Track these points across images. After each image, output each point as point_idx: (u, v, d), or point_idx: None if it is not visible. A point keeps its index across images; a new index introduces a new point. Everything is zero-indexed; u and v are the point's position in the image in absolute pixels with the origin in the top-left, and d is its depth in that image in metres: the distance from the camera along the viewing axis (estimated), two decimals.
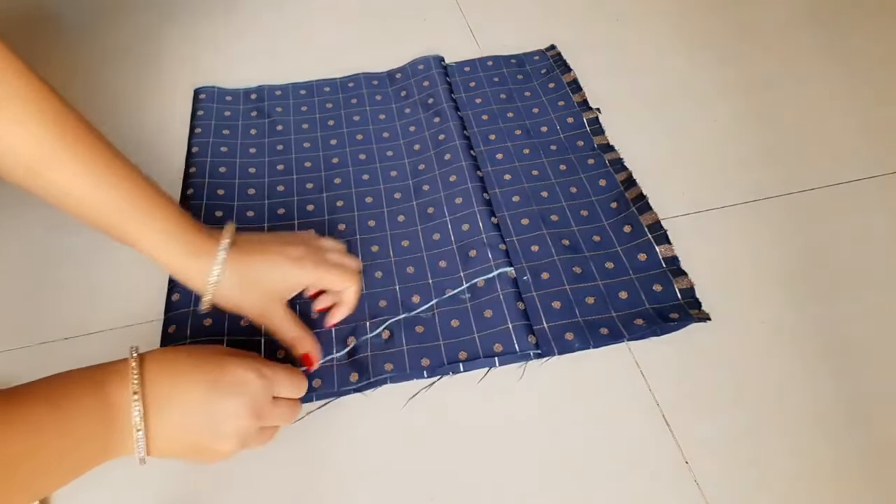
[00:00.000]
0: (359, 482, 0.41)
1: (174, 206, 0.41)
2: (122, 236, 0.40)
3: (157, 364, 0.36)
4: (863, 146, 0.60)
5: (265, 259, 0.42)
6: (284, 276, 0.43)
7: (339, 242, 0.49)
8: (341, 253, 0.47)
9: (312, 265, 0.43)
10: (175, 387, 0.35)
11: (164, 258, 0.40)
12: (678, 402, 0.44)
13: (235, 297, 0.42)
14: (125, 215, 0.39)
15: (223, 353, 0.38)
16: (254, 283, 0.42)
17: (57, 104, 0.38)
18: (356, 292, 0.46)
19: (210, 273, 0.40)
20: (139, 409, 0.33)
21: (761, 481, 0.41)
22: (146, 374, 0.35)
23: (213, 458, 0.37)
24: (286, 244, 0.44)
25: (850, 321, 0.48)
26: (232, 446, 0.36)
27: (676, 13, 0.74)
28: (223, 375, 0.36)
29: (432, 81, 0.65)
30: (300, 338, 0.43)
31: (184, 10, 0.76)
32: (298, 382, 0.41)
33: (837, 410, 0.44)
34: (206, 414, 0.35)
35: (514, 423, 0.44)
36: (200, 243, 0.41)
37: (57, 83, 0.39)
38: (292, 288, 0.43)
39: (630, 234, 0.52)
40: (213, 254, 0.41)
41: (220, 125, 0.62)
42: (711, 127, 0.62)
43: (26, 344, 0.47)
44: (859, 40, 0.70)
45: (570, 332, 0.47)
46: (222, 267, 0.40)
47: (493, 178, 0.57)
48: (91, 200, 0.38)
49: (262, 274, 0.42)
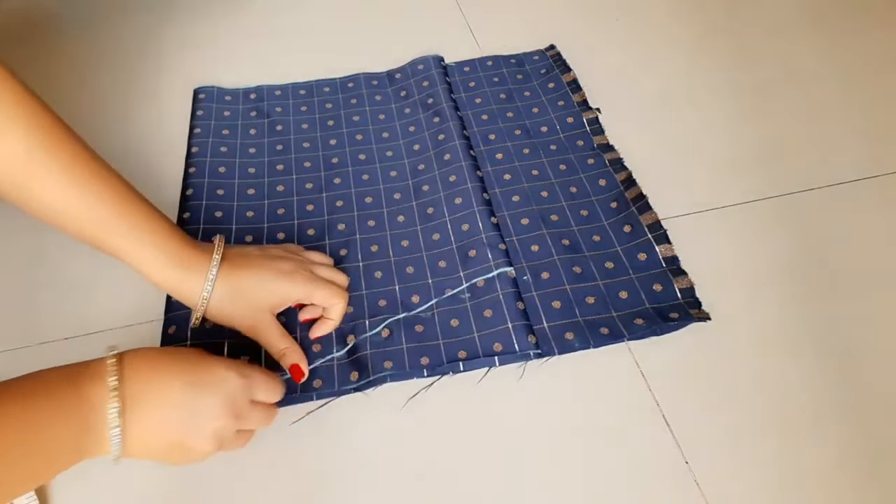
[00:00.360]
0: (359, 482, 0.41)
1: (163, 219, 0.41)
2: (109, 250, 0.39)
3: (135, 362, 0.35)
4: (862, 146, 0.60)
5: (256, 273, 0.42)
6: (275, 291, 0.43)
7: (327, 256, 0.50)
8: (330, 268, 0.47)
9: (303, 280, 0.43)
10: (153, 384, 0.35)
11: (154, 273, 0.40)
12: (678, 402, 0.44)
13: (226, 312, 0.42)
14: (113, 229, 0.38)
15: (202, 354, 0.38)
16: (244, 298, 0.42)
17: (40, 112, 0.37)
18: (342, 309, 0.46)
19: (203, 289, 0.40)
20: (116, 406, 0.33)
21: (761, 481, 0.41)
22: (124, 371, 0.34)
23: (190, 459, 0.36)
24: (276, 258, 0.44)
25: (850, 321, 0.48)
26: (209, 446, 0.36)
27: (676, 13, 0.74)
28: (203, 374, 0.36)
29: (432, 81, 0.65)
30: (289, 350, 0.43)
31: (184, 10, 0.76)
32: (276, 386, 0.40)
33: (837, 410, 0.44)
34: (184, 412, 0.35)
35: (514, 423, 0.43)
36: (191, 258, 0.40)
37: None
38: (282, 302, 0.44)
39: (630, 234, 0.52)
40: (204, 269, 0.40)
41: (220, 125, 0.62)
42: (711, 127, 0.62)
43: (26, 344, 0.47)
44: (859, 40, 0.70)
45: (570, 332, 0.47)
46: (213, 283, 0.40)
47: (493, 178, 0.57)
48: (76, 213, 0.38)
49: (253, 288, 0.42)
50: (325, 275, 0.46)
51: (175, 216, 0.54)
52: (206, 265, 0.41)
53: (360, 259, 0.52)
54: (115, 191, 0.39)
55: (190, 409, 0.35)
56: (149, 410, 0.34)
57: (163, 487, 0.41)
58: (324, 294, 0.44)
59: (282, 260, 0.44)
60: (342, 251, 0.52)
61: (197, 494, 0.41)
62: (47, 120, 0.37)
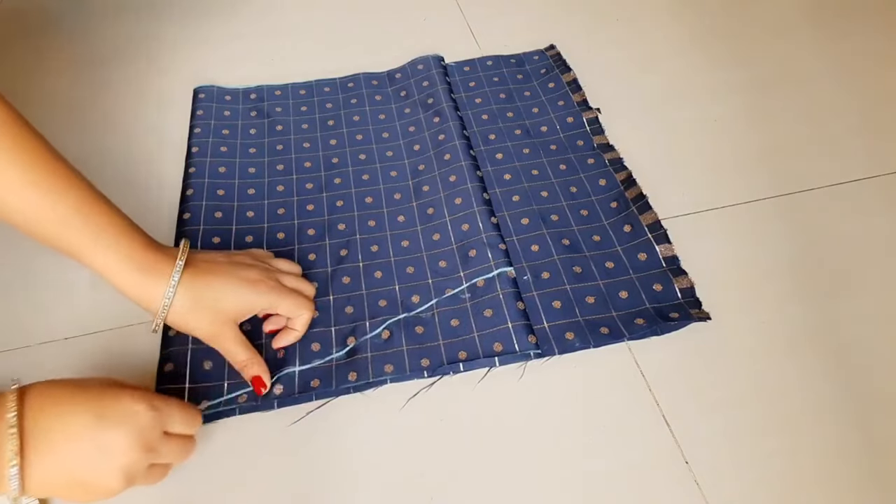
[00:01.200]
0: (358, 482, 0.41)
1: (127, 222, 0.40)
2: (70, 252, 0.38)
3: (38, 395, 0.34)
4: (863, 146, 0.60)
5: (220, 281, 0.41)
6: (238, 300, 0.41)
7: (296, 265, 0.49)
8: (297, 277, 0.46)
9: (267, 289, 0.43)
10: (56, 418, 0.33)
11: (114, 276, 0.39)
12: (678, 402, 0.44)
13: (187, 319, 0.40)
14: (73, 230, 0.37)
15: (112, 384, 0.36)
16: (207, 306, 0.41)
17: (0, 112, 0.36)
18: (307, 320, 0.45)
19: (164, 294, 0.39)
20: (15, 442, 0.31)
21: (761, 481, 0.41)
22: (26, 404, 0.33)
23: (97, 496, 0.34)
24: (242, 266, 0.43)
25: (850, 321, 0.48)
26: (117, 483, 0.34)
27: (676, 13, 0.74)
28: (111, 406, 0.34)
29: (432, 81, 0.65)
30: (250, 362, 0.42)
31: (184, 10, 0.76)
32: (192, 418, 0.38)
33: (837, 410, 0.44)
34: (90, 446, 0.33)
35: (515, 423, 0.43)
36: (153, 262, 0.39)
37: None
38: (246, 312, 0.42)
39: (630, 234, 0.52)
40: (167, 274, 0.39)
41: (220, 125, 0.62)
42: (711, 127, 0.62)
43: (26, 344, 0.47)
44: (859, 40, 0.70)
45: (570, 332, 0.47)
46: (175, 289, 0.39)
47: (493, 178, 0.57)
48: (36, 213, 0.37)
49: (216, 296, 0.41)
50: (292, 284, 0.45)
51: (175, 216, 0.54)
52: (168, 270, 0.39)
53: (360, 259, 0.52)
54: (77, 192, 0.38)
55: (97, 444, 0.33)
56: (52, 446, 0.32)
57: (163, 488, 0.41)
58: (289, 304, 0.44)
59: (247, 268, 0.43)
60: (342, 251, 0.52)
61: (197, 494, 0.41)
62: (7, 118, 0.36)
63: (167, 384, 0.44)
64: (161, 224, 0.54)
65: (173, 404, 0.37)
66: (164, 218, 0.54)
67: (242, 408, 0.44)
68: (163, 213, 0.55)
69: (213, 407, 0.43)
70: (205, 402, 0.43)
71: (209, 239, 0.52)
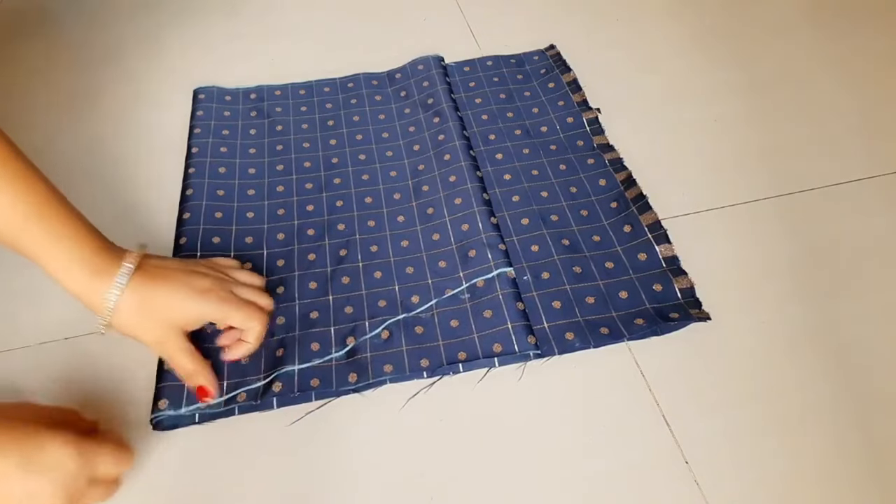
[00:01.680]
0: (358, 482, 0.41)
1: (84, 224, 0.39)
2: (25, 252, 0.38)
3: None
4: (863, 146, 0.60)
5: (169, 288, 0.40)
6: (185, 308, 0.41)
7: (258, 277, 0.47)
8: (254, 289, 0.45)
9: (218, 300, 0.42)
10: None
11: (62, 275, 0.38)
12: (678, 402, 0.44)
13: (132, 324, 0.40)
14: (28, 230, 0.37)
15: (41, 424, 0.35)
16: (152, 311, 0.40)
17: None
18: (259, 334, 0.44)
19: (108, 296, 0.38)
20: None
21: (761, 481, 0.41)
22: None
23: None
24: (195, 275, 0.42)
25: (850, 321, 0.48)
26: None
27: (676, 13, 0.74)
28: (36, 452, 0.33)
29: (432, 81, 0.65)
30: (196, 372, 0.42)
31: (184, 11, 0.76)
32: (123, 458, 0.37)
33: (837, 410, 0.44)
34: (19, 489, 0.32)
35: (514, 424, 0.43)
36: (103, 264, 0.39)
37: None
38: (193, 321, 0.42)
39: (630, 234, 0.52)
40: (113, 276, 0.39)
41: (220, 125, 0.62)
42: (711, 127, 0.62)
43: (26, 344, 0.47)
44: (859, 40, 0.70)
45: (570, 332, 0.47)
46: (122, 291, 0.39)
47: (493, 178, 0.57)
48: None
49: (163, 303, 0.40)
50: (247, 296, 0.44)
51: (175, 216, 0.54)
52: (116, 272, 0.39)
53: (359, 259, 0.52)
54: (35, 192, 0.38)
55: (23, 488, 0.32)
56: None
57: (163, 487, 0.41)
58: (240, 316, 0.42)
59: (201, 277, 0.42)
60: (342, 251, 0.52)
61: (196, 495, 0.41)
62: None
63: (167, 383, 0.44)
64: (161, 224, 0.54)
65: (105, 446, 0.36)
66: (164, 218, 0.54)
67: (241, 407, 0.44)
68: (163, 213, 0.55)
69: (212, 406, 0.43)
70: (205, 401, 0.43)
71: (209, 239, 0.52)
